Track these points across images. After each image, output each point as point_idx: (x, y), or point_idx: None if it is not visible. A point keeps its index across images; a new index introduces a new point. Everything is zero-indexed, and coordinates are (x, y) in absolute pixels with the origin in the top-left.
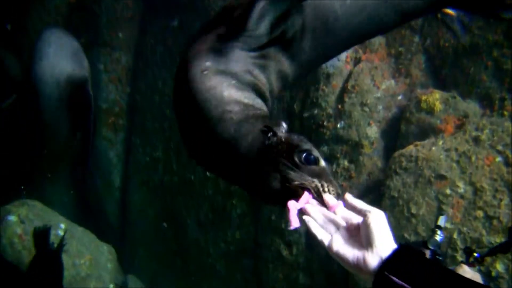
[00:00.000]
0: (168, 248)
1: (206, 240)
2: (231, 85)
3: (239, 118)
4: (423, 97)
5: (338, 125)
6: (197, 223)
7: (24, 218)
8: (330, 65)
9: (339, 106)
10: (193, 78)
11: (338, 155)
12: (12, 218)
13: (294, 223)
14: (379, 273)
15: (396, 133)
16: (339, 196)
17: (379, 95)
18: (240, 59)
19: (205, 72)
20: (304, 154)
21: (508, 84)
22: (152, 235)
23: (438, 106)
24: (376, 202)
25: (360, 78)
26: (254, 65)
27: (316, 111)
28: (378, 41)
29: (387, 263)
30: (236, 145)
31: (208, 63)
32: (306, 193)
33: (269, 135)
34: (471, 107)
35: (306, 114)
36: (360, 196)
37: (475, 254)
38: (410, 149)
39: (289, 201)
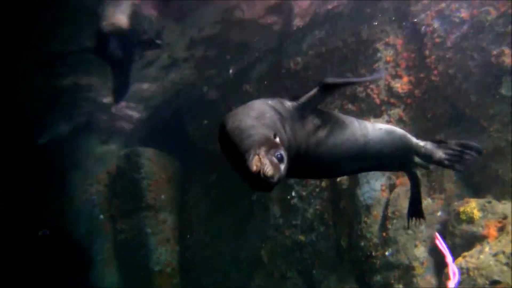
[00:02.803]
0: None
1: None
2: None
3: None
4: (461, 209)
5: (387, 253)
6: None
7: None
8: (368, 197)
9: (384, 234)
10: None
11: (392, 281)
12: None
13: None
14: None
15: None
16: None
17: None
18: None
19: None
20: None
21: None
22: None
23: (477, 214)
24: None
25: (398, 203)
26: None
27: (363, 243)
28: None
29: None
30: None
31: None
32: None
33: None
34: (508, 207)
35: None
36: None
37: None
38: (460, 261)
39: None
